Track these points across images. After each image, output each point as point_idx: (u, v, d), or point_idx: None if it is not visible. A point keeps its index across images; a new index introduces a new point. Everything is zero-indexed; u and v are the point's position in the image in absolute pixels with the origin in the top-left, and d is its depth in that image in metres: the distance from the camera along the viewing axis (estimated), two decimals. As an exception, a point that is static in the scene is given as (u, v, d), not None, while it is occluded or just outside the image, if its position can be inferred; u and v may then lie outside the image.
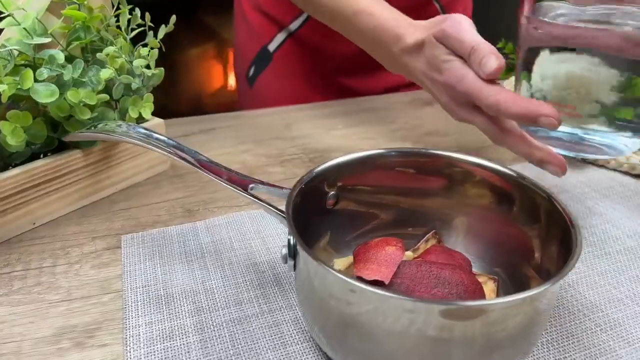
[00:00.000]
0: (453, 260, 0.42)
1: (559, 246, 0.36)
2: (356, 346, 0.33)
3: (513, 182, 0.42)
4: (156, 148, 0.43)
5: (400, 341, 0.31)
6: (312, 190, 0.41)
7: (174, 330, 0.40)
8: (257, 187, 0.41)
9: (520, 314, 0.30)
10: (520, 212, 0.41)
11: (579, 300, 0.44)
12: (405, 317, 0.30)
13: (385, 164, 0.44)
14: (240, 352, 0.39)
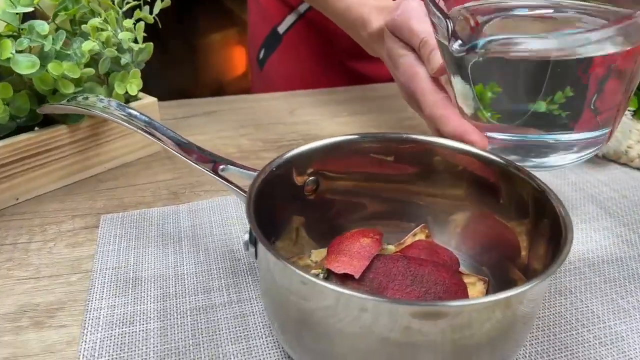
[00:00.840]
0: (437, 257, 0.39)
1: (548, 244, 0.33)
2: (312, 346, 0.30)
3: (500, 171, 0.38)
4: (127, 123, 0.41)
5: (356, 343, 0.28)
6: (286, 174, 0.38)
7: (136, 315, 0.38)
8: (227, 169, 0.39)
9: (492, 319, 0.27)
10: (507, 205, 0.37)
11: (580, 309, 0.40)
12: (362, 317, 0.27)
13: (366, 150, 0.40)
14: (199, 342, 0.36)
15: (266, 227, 0.36)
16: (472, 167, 0.39)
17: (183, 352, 0.35)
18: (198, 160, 0.39)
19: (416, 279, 0.35)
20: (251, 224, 0.30)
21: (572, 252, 0.46)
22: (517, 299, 0.27)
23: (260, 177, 0.35)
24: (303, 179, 0.40)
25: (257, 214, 0.33)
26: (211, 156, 0.40)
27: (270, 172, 0.36)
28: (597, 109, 0.37)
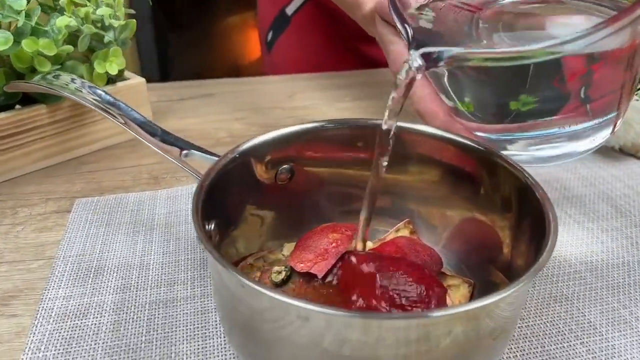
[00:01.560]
0: (416, 256, 0.35)
1: (530, 244, 0.29)
2: (254, 351, 0.27)
3: (480, 159, 0.34)
4: (89, 104, 0.39)
5: (295, 352, 0.25)
6: (251, 162, 0.35)
7: (91, 307, 0.36)
8: (191, 154, 0.36)
9: (452, 334, 0.23)
10: (489, 197, 0.33)
11: (575, 318, 0.36)
12: (300, 325, 0.24)
13: (341, 138, 0.37)
14: (153, 339, 0.34)
15: (224, 217, 0.33)
16: (451, 156, 0.35)
17: (134, 349, 0.33)
18: (161, 143, 0.36)
19: (387, 280, 0.32)
20: (193, 215, 0.27)
21: (574, 253, 0.42)
22: (482, 312, 0.23)
23: (219, 164, 0.32)
24: (273, 167, 0.37)
25: (208, 204, 0.30)
26: (175, 140, 0.37)
27: (233, 159, 0.33)
28: (589, 97, 0.33)
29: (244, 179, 0.34)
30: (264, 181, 0.36)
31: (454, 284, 0.37)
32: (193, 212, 0.27)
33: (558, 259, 0.41)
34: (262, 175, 0.35)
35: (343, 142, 0.38)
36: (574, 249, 0.42)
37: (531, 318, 0.36)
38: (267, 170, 0.36)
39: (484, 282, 0.35)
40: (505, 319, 0.26)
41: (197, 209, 0.28)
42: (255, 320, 0.25)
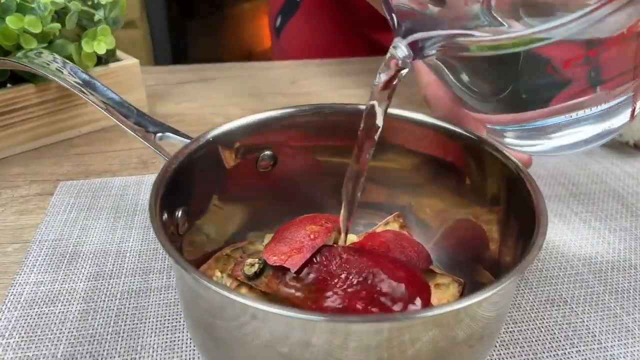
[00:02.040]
0: (401, 252, 0.33)
1: (518, 240, 0.26)
2: (211, 349, 0.25)
3: (466, 147, 0.31)
4: (64, 83, 0.37)
5: (252, 354, 0.23)
6: (224, 146, 0.33)
7: (61, 294, 0.35)
8: (166, 137, 0.34)
9: (417, 340, 0.21)
10: (475, 189, 0.31)
11: (573, 324, 0.33)
12: (256, 327, 0.22)
13: (321, 124, 0.35)
14: (120, 330, 0.32)
15: (195, 204, 0.31)
16: (433, 143, 0.33)
17: (99, 340, 0.32)
18: (135, 124, 0.34)
19: (365, 277, 0.30)
20: (151, 200, 0.25)
21: (577, 254, 0.39)
22: (453, 318, 0.21)
23: (189, 147, 0.31)
24: (250, 153, 0.35)
25: (175, 189, 0.28)
26: (150, 122, 0.35)
27: (205, 143, 0.32)
28: (598, 80, 0.30)
29: (218, 164, 0.32)
30: (241, 168, 0.34)
31: (442, 282, 0.34)
32: (151, 198, 0.26)
33: (559, 260, 0.39)
34: (233, 162, 0.33)
35: (328, 129, 0.36)
36: (577, 249, 0.40)
37: (525, 322, 0.33)
38: (242, 156, 0.34)
39: (473, 281, 0.32)
40: (484, 325, 0.23)
41: (157, 194, 0.26)
42: (210, 318, 0.23)
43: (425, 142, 0.33)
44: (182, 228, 0.30)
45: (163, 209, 0.26)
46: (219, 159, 0.32)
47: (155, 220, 0.24)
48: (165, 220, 0.25)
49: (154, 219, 0.24)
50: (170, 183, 0.28)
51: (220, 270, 0.33)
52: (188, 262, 0.22)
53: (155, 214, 0.25)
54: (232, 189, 0.34)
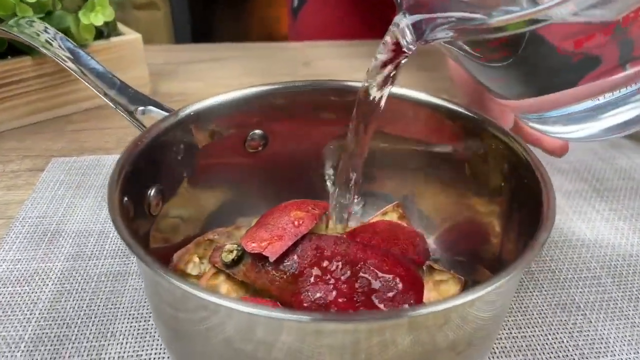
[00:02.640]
0: (396, 243, 0.30)
1: (520, 236, 0.23)
2: (170, 341, 0.23)
3: (467, 128, 0.28)
4: (45, 50, 0.35)
5: (207, 347, 0.21)
6: (214, 122, 0.31)
7: (37, 274, 0.33)
8: (149, 111, 0.32)
9: (392, 344, 0.18)
10: (476, 176, 0.28)
11: (585, 333, 0.30)
12: (212, 320, 0.19)
13: (313, 102, 0.32)
14: (92, 314, 0.30)
15: (170, 183, 0.29)
16: (433, 124, 0.29)
17: (69, 323, 0.30)
18: (116, 97, 0.32)
19: (351, 270, 0.27)
20: (111, 178, 0.23)
21: (595, 255, 0.36)
22: (433, 321, 0.18)
23: (167, 121, 0.28)
24: (241, 131, 0.32)
25: (147, 166, 0.26)
26: (134, 94, 0.33)
27: (186, 117, 0.29)
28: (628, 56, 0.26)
29: (200, 141, 0.30)
30: (227, 147, 0.32)
31: (441, 279, 0.31)
32: (113, 173, 0.23)
33: (574, 261, 0.35)
34: (217, 140, 0.31)
35: (324, 107, 0.33)
36: (595, 250, 0.36)
37: (530, 327, 0.30)
38: (228, 134, 0.31)
39: (474, 280, 0.29)
40: (473, 331, 0.20)
41: (120, 170, 0.24)
42: (169, 309, 0.21)
43: (420, 123, 0.30)
44: (156, 208, 0.28)
45: (129, 186, 0.24)
46: (201, 136, 0.30)
47: (112, 198, 0.22)
48: (126, 203, 0.23)
49: (111, 197, 0.22)
50: (141, 158, 0.26)
51: (199, 256, 0.31)
52: (141, 247, 0.20)
53: (114, 190, 0.22)
54: (216, 169, 0.32)
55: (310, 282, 0.27)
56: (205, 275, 0.29)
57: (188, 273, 0.29)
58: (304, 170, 0.35)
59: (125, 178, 0.24)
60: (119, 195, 0.22)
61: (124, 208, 0.22)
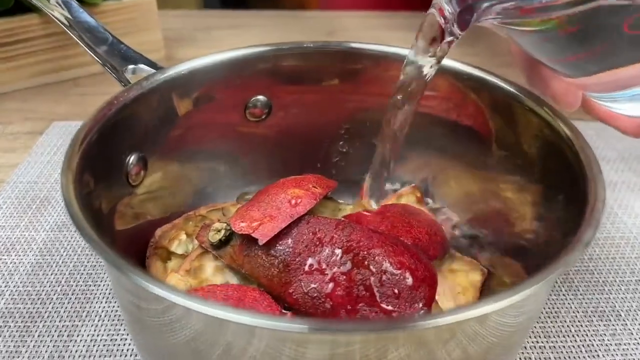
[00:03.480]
0: (408, 231, 0.26)
1: (558, 230, 0.19)
2: (138, 339, 0.20)
3: (496, 98, 0.24)
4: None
5: (172, 348, 0.17)
6: (208, 84, 0.27)
7: (18, 243, 0.31)
8: (140, 70, 0.29)
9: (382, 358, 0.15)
10: (506, 155, 0.24)
11: (624, 345, 0.26)
12: (179, 323, 0.16)
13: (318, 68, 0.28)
14: (69, 291, 0.28)
15: (150, 150, 0.26)
16: (457, 95, 0.25)
17: (44, 299, 0.27)
18: (107, 54, 0.29)
19: (353, 259, 0.23)
20: (72, 141, 0.20)
21: (643, 257, 0.31)
22: (438, 336, 0.14)
23: (151, 80, 0.25)
24: (240, 96, 0.29)
25: (121, 130, 0.23)
26: (126, 52, 0.29)
27: (176, 77, 0.26)
28: None
29: (191, 105, 0.27)
30: (224, 113, 0.28)
31: (461, 269, 0.27)
32: (75, 136, 0.20)
33: (617, 262, 0.31)
34: (212, 104, 0.27)
35: (337, 73, 0.29)
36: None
37: (561, 336, 0.26)
38: (225, 99, 0.28)
39: (497, 274, 0.25)
40: (490, 347, 0.16)
41: (86, 133, 0.21)
42: (130, 297, 0.18)
43: (443, 94, 0.26)
44: (136, 178, 0.25)
45: (101, 152, 0.21)
46: (193, 99, 0.27)
47: (68, 164, 0.19)
48: (84, 178, 0.20)
49: (67, 162, 0.19)
50: (118, 121, 0.23)
51: (187, 233, 0.27)
52: (94, 223, 0.17)
53: (72, 154, 0.19)
54: (210, 137, 0.28)
55: (304, 270, 0.23)
56: (190, 255, 0.26)
57: (172, 251, 0.26)
58: (313, 144, 0.32)
59: (94, 143, 0.21)
60: (80, 161, 0.19)
61: (82, 179, 0.19)
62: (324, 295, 0.23)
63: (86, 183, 0.19)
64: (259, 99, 0.29)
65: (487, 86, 0.24)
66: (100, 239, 0.16)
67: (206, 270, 0.25)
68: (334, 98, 0.30)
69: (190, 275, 0.25)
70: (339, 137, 0.32)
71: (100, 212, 0.20)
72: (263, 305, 0.22)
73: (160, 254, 0.26)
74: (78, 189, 0.18)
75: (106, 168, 0.22)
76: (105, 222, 0.21)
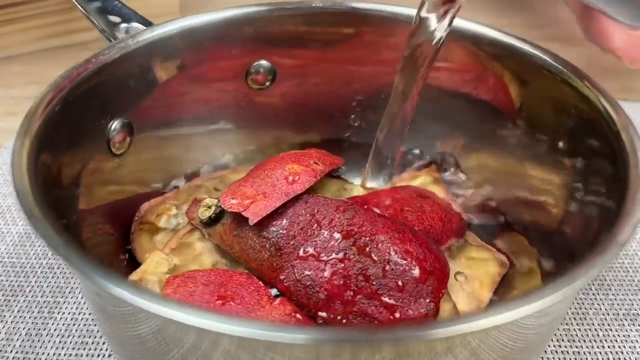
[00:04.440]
0: (420, 217, 0.24)
1: (590, 220, 0.16)
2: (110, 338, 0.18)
3: (524, 66, 0.21)
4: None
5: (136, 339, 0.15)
6: (204, 44, 0.25)
7: (9, 211, 0.30)
8: (134, 29, 0.26)
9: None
10: (535, 134, 0.21)
11: (661, 356, 0.23)
12: (143, 323, 0.14)
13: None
14: (54, 265, 0.26)
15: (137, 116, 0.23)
16: (479, 63, 0.22)
17: (27, 272, 0.26)
18: (98, 11, 0.27)
19: (353, 244, 0.21)
20: (35, 103, 0.18)
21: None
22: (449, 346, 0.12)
23: (138, 39, 0.23)
24: (240, 60, 0.26)
25: (101, 92, 0.21)
26: (120, 9, 0.27)
27: (168, 35, 0.23)
28: None
29: (183, 67, 0.24)
30: (221, 77, 0.26)
31: (479, 257, 0.25)
32: (40, 97, 0.18)
33: (656, 258, 0.27)
34: (206, 67, 0.25)
35: (346, 36, 0.26)
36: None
37: (587, 342, 0.23)
38: (222, 61, 0.25)
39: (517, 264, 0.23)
40: (505, 353, 0.14)
41: (55, 93, 0.18)
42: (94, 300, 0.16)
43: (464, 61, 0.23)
44: (120, 146, 0.23)
45: (74, 117, 0.19)
46: (187, 61, 0.24)
47: (26, 129, 0.17)
48: (47, 147, 0.17)
49: (24, 127, 0.17)
50: (96, 84, 0.20)
51: (177, 206, 0.25)
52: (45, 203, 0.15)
53: (32, 119, 0.17)
54: (206, 105, 0.26)
55: (297, 255, 0.21)
56: (180, 231, 0.24)
57: (159, 227, 0.24)
58: (321, 116, 0.29)
59: (63, 107, 0.18)
60: (42, 128, 0.17)
61: (43, 147, 0.17)
62: (318, 284, 0.20)
63: (50, 152, 0.17)
64: (261, 64, 0.27)
65: (516, 52, 0.21)
66: (49, 222, 0.14)
67: (194, 250, 0.23)
68: (345, 65, 0.27)
69: (176, 254, 0.22)
70: (350, 109, 0.29)
71: (67, 187, 0.18)
72: (249, 291, 0.20)
73: (148, 228, 0.24)
74: (34, 159, 0.16)
75: (80, 135, 0.20)
76: (71, 198, 0.19)
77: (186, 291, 0.19)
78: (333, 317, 0.20)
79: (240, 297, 0.19)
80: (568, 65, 0.20)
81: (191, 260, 0.22)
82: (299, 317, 0.19)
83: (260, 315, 0.19)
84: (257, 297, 0.20)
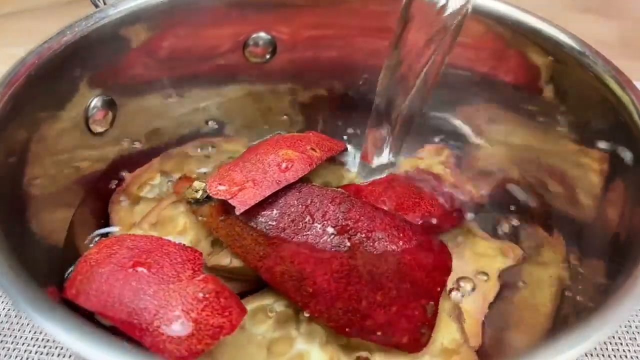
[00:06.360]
0: (417, 202, 0.22)
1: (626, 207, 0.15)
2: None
3: (546, 47, 0.18)
4: None
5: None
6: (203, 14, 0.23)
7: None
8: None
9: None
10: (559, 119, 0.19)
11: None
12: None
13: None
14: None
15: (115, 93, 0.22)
16: (500, 42, 0.20)
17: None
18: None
19: (348, 240, 0.20)
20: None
21: None
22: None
23: (121, 8, 0.21)
24: (240, 31, 0.24)
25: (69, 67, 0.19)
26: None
27: (154, 4, 0.21)
28: None
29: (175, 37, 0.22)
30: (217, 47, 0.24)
31: (484, 253, 0.23)
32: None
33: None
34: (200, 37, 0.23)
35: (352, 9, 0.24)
36: None
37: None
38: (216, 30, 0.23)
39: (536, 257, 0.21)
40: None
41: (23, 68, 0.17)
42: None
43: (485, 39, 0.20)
44: (101, 124, 0.21)
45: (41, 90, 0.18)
46: (179, 31, 0.22)
47: None
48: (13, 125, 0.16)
49: None
50: (70, 55, 0.19)
51: (164, 172, 0.24)
52: None
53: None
54: (198, 79, 0.24)
55: (286, 247, 0.19)
56: (161, 203, 0.22)
57: (142, 197, 0.23)
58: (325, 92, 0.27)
59: (34, 81, 0.17)
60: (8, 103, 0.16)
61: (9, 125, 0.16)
62: (305, 276, 0.19)
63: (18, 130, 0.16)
64: (260, 35, 0.25)
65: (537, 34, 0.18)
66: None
67: (176, 224, 0.22)
68: (352, 40, 0.25)
69: (157, 230, 0.21)
70: (357, 87, 0.27)
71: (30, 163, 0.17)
72: (173, 262, 0.18)
73: (128, 197, 0.23)
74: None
75: (54, 108, 0.18)
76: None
77: (108, 253, 0.18)
78: (319, 312, 0.19)
79: (158, 266, 0.18)
80: (599, 56, 0.17)
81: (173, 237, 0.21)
82: (220, 300, 0.18)
83: (172, 288, 0.17)
84: (180, 269, 0.18)
